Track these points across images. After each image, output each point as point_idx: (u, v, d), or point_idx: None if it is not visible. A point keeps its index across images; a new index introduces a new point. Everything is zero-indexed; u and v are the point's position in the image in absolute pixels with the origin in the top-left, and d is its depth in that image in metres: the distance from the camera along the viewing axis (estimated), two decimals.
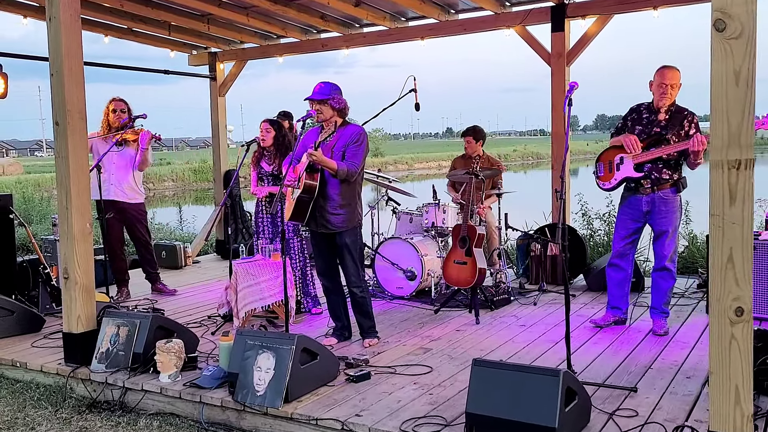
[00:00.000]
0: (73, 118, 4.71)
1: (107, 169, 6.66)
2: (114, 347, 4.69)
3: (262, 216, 6.15)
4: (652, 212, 5.10)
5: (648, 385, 4.13)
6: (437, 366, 4.63)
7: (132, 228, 6.96)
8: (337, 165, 4.79)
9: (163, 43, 9.18)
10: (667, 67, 5.01)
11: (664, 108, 5.02)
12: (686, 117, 4.98)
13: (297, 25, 8.59)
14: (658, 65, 5.08)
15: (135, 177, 6.79)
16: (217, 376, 4.29)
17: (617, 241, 5.35)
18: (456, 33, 7.94)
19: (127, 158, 6.75)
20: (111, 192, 6.70)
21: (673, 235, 5.12)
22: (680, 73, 4.99)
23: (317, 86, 4.96)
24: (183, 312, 6.42)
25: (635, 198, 5.15)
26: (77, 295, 4.80)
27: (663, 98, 4.98)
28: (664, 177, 5.02)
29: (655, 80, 5.02)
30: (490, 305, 6.16)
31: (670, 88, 4.95)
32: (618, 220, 5.37)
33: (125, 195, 6.78)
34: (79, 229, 4.77)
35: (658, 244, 5.16)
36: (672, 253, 5.15)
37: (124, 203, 6.80)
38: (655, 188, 5.04)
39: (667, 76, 4.96)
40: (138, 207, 6.94)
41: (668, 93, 4.95)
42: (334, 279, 5.25)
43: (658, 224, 5.11)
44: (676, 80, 4.96)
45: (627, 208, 5.23)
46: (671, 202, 5.07)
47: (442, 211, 6.72)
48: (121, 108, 6.71)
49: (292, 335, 4.07)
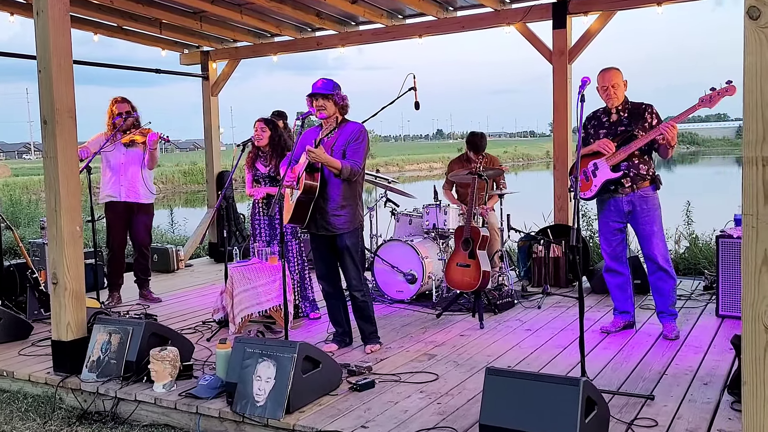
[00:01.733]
0: (62, 116, 4.51)
1: (117, 171, 6.52)
2: (105, 355, 4.49)
3: (259, 218, 5.96)
4: (634, 212, 5.01)
5: (664, 392, 3.97)
6: (443, 373, 4.45)
7: (136, 230, 6.76)
8: (341, 163, 4.61)
9: (155, 42, 8.98)
10: (605, 69, 5.03)
11: (615, 108, 5.03)
12: (646, 109, 4.98)
13: (292, 23, 8.41)
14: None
15: (145, 176, 6.63)
16: (215, 385, 4.10)
17: (605, 246, 5.26)
18: (455, 30, 7.77)
19: (137, 158, 6.59)
20: (122, 194, 6.54)
21: (660, 232, 5.05)
22: (620, 72, 5.01)
23: (319, 81, 4.78)
24: (176, 317, 6.22)
25: (615, 200, 5.06)
26: (67, 301, 4.59)
27: (610, 99, 5.01)
28: (641, 172, 4.96)
29: (598, 84, 5.01)
30: (493, 309, 5.99)
31: (612, 89, 4.97)
32: (600, 226, 5.27)
33: (137, 195, 6.62)
34: (68, 232, 4.57)
35: (648, 246, 5.05)
36: (663, 251, 5.05)
37: (135, 203, 6.63)
38: (635, 186, 4.97)
39: (606, 78, 4.98)
40: (146, 207, 6.76)
41: (612, 93, 4.98)
42: (334, 283, 5.07)
43: (642, 224, 5.02)
44: (616, 80, 4.97)
45: (607, 210, 5.15)
46: (651, 199, 5.00)
47: (443, 213, 6.54)
48: (126, 110, 6.54)
49: (293, 343, 3.89)
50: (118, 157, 6.50)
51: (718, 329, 5.26)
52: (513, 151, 64.83)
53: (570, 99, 7.29)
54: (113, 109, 6.55)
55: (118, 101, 6.59)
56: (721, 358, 4.56)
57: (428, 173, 47.89)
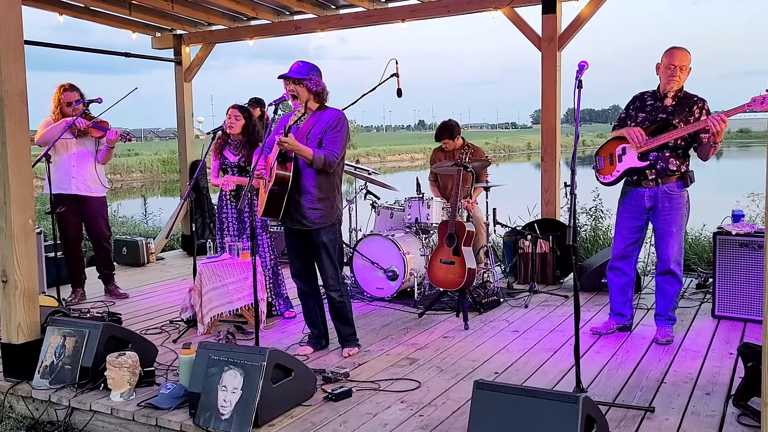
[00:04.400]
0: (12, 100, 4.12)
1: (67, 161, 6.07)
2: (59, 360, 4.12)
3: (227, 210, 5.59)
4: (655, 208, 4.65)
5: (665, 404, 3.67)
6: (426, 380, 4.13)
7: (92, 223, 6.35)
8: (313, 153, 4.25)
9: (124, 24, 8.53)
10: (677, 48, 4.55)
11: (671, 93, 4.58)
12: (696, 103, 4.54)
13: (269, 6, 8.02)
14: (657, 56, 4.65)
15: (97, 169, 6.19)
16: (177, 394, 3.75)
17: (618, 242, 4.88)
18: (440, 15, 7.42)
19: (88, 149, 6.15)
20: (72, 185, 6.10)
21: (678, 234, 4.66)
22: (690, 56, 4.54)
23: (294, 64, 4.42)
24: (143, 316, 5.85)
25: (637, 192, 4.68)
26: (17, 301, 4.21)
27: (671, 81, 4.53)
28: (670, 168, 4.56)
29: (662, 62, 4.57)
30: (478, 308, 5.69)
31: (678, 70, 4.50)
32: (618, 219, 4.90)
33: (88, 188, 6.17)
34: (19, 225, 4.19)
35: (662, 245, 4.69)
36: (677, 254, 4.69)
37: (86, 197, 6.19)
38: (659, 181, 4.58)
39: (676, 57, 4.51)
40: (100, 201, 6.34)
41: (677, 75, 4.51)
42: (310, 281, 4.73)
43: (660, 222, 4.65)
44: (686, 62, 4.51)
45: (628, 204, 4.77)
46: (676, 197, 4.60)
47: (426, 206, 6.21)
48: (75, 99, 6.08)
49: (262, 350, 3.55)
50: (67, 148, 6.07)
51: (715, 331, 4.98)
52: (495, 142, 64.61)
53: (559, 87, 6.98)
54: (60, 97, 6.08)
55: (66, 89, 6.10)
56: (721, 364, 4.28)
57: (410, 164, 47.60)
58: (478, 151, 6.65)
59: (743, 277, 5.15)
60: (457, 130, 6.67)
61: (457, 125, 6.75)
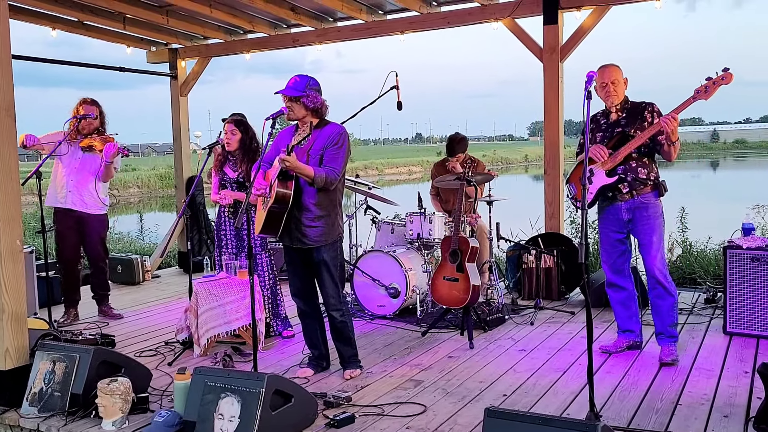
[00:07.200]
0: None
1: (66, 174, 5.93)
2: (49, 387, 3.95)
3: (225, 227, 5.44)
4: (634, 220, 4.62)
5: (682, 427, 3.51)
6: (432, 404, 3.96)
7: (89, 243, 6.19)
8: (314, 172, 4.10)
9: (119, 38, 8.43)
10: (605, 66, 4.65)
11: (614, 108, 4.66)
12: (645, 108, 4.60)
13: (265, 19, 7.91)
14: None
15: (97, 186, 6.01)
16: (171, 422, 3.58)
17: (605, 258, 4.84)
18: (439, 27, 7.30)
19: (90, 165, 5.99)
20: (68, 200, 5.95)
21: (658, 244, 4.62)
22: (620, 70, 4.64)
23: (291, 80, 4.27)
24: (137, 337, 5.68)
25: (614, 207, 4.67)
26: (5, 325, 4.05)
27: (609, 97, 4.63)
28: (641, 177, 4.55)
29: (597, 83, 4.62)
30: (483, 326, 5.52)
31: (612, 85, 4.60)
32: (601, 236, 4.87)
33: (84, 204, 6.00)
34: (7, 245, 4.04)
35: (645, 257, 4.64)
36: (660, 264, 4.61)
37: (82, 213, 6.03)
38: (633, 193, 4.57)
39: (606, 75, 4.62)
40: (98, 219, 6.16)
41: (611, 91, 4.61)
42: (311, 301, 4.57)
43: (641, 234, 4.62)
44: (616, 76, 4.61)
45: (606, 220, 4.76)
46: (652, 207, 4.59)
47: (428, 221, 6.06)
48: (92, 113, 5.97)
49: (261, 375, 3.39)
50: (72, 161, 5.94)
51: (728, 349, 4.83)
52: (492, 154, 64.59)
53: (561, 99, 6.85)
54: (79, 109, 6.00)
55: (87, 102, 6.03)
56: (737, 383, 4.13)
57: (408, 177, 47.51)
58: (480, 165, 6.53)
59: (755, 292, 5.01)
60: (465, 143, 6.59)
61: (463, 139, 6.63)
